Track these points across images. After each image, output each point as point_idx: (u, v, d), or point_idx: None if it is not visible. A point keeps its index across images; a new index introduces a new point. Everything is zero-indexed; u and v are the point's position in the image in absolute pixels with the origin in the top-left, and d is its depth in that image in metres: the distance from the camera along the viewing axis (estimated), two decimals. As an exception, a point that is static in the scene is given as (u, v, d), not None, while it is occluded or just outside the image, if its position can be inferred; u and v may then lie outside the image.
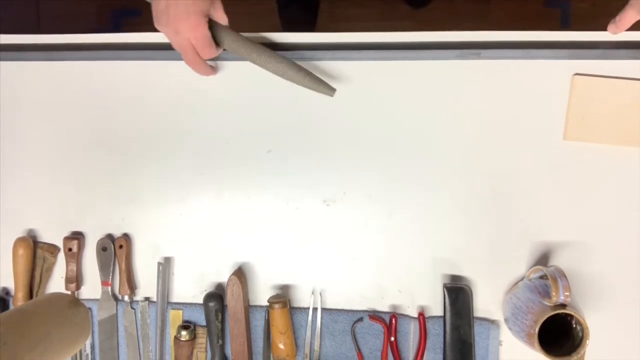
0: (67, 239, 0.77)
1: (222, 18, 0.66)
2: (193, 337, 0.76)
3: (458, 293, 0.72)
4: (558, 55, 0.70)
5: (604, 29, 0.67)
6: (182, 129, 0.76)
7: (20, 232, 0.79)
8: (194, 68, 0.68)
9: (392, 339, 0.74)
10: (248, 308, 0.76)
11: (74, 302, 0.64)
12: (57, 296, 0.65)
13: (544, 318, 0.62)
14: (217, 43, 0.66)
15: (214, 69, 0.72)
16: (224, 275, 0.77)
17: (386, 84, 0.73)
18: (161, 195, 0.77)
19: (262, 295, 0.77)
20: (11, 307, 0.78)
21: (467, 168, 0.73)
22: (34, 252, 0.78)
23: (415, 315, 0.74)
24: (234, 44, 0.66)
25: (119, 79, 0.77)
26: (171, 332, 0.77)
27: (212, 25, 0.65)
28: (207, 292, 0.76)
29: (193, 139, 0.76)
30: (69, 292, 0.77)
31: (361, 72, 0.73)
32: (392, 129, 0.74)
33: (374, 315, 0.75)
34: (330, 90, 0.67)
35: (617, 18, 0.65)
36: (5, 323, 0.54)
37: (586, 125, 0.71)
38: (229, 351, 0.76)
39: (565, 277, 0.63)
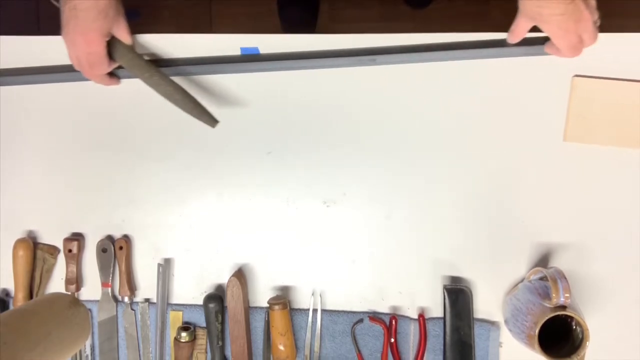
0: (67, 240, 0.77)
1: (124, 37, 0.68)
2: (193, 339, 0.76)
3: (458, 294, 0.72)
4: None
5: (604, 29, 0.67)
6: (182, 130, 0.76)
7: (20, 233, 0.79)
8: (89, 78, 0.71)
9: (392, 340, 0.74)
10: (248, 309, 0.76)
11: (74, 302, 0.64)
12: (57, 296, 0.65)
13: (544, 319, 0.62)
14: (115, 59, 0.69)
15: (114, 80, 0.73)
16: (224, 276, 0.77)
17: (386, 85, 0.73)
18: (161, 197, 0.77)
19: (262, 296, 0.77)
20: (11, 308, 0.78)
21: (467, 169, 0.73)
22: (34, 253, 0.78)
23: (415, 316, 0.74)
24: (129, 62, 0.68)
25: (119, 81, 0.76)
26: (171, 334, 0.77)
27: (112, 42, 0.67)
28: (207, 293, 0.76)
29: (193, 140, 0.76)
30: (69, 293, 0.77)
31: (361, 73, 0.73)
32: (392, 130, 0.74)
33: (374, 316, 0.75)
34: (213, 122, 0.69)
35: (512, 27, 0.66)
36: (5, 323, 0.54)
37: (586, 126, 0.71)
38: (229, 352, 0.76)
39: (565, 278, 0.63)
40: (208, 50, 0.74)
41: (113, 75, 0.72)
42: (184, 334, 0.75)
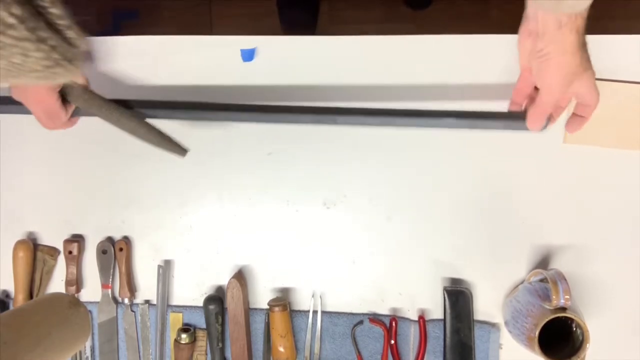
0: (67, 241, 0.77)
1: (77, 79, 0.64)
2: (193, 340, 0.75)
3: (458, 296, 0.72)
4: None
5: (605, 31, 0.67)
6: (183, 131, 0.76)
7: (20, 235, 0.79)
8: (50, 129, 0.68)
9: (392, 342, 0.73)
10: (248, 311, 0.76)
11: (74, 302, 0.64)
12: (57, 296, 0.65)
13: (544, 321, 0.62)
14: (71, 102, 0.66)
15: (75, 120, 0.70)
16: (224, 278, 0.77)
17: (386, 86, 0.73)
18: (161, 198, 0.77)
19: (262, 298, 0.77)
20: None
21: (467, 171, 0.73)
22: (34, 254, 0.78)
23: (416, 318, 0.74)
24: (85, 103, 0.65)
25: (119, 81, 0.76)
26: (171, 335, 0.77)
27: (65, 86, 0.64)
28: (207, 295, 0.76)
29: (193, 141, 0.76)
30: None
31: (360, 73, 0.73)
32: (393, 132, 0.73)
33: (374, 318, 0.74)
34: (182, 152, 0.67)
35: (517, 85, 0.62)
36: (5, 323, 0.54)
37: (586, 128, 0.70)
38: (229, 354, 0.76)
39: (566, 280, 0.63)
40: (207, 52, 0.74)
41: (72, 116, 0.68)
42: (184, 336, 0.75)
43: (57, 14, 0.34)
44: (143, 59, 0.76)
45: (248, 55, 0.74)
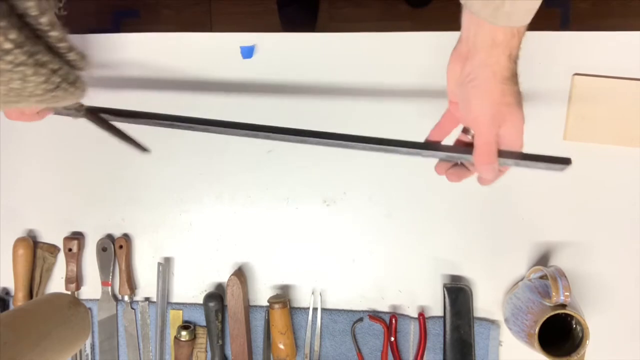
0: (67, 239, 0.77)
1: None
2: (193, 338, 0.76)
3: (458, 293, 0.72)
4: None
5: (605, 29, 0.67)
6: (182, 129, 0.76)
7: (20, 232, 0.79)
8: (22, 121, 0.64)
9: (392, 339, 0.74)
10: (248, 308, 0.76)
11: (74, 301, 0.64)
12: (57, 296, 0.65)
13: (544, 318, 0.62)
14: None
15: (39, 117, 0.64)
16: (224, 275, 0.77)
17: (385, 83, 0.73)
18: (161, 195, 0.77)
19: (262, 295, 0.77)
20: (11, 307, 0.78)
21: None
22: (34, 252, 0.78)
23: (415, 315, 0.74)
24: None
25: (119, 81, 0.76)
26: (171, 333, 0.77)
27: None
28: (207, 292, 0.76)
29: (193, 139, 0.76)
30: (69, 292, 0.77)
31: (359, 70, 0.73)
32: (393, 129, 0.73)
33: (374, 315, 0.75)
34: (143, 150, 0.65)
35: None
36: (5, 322, 0.54)
37: (586, 125, 0.71)
38: (229, 351, 0.76)
39: (565, 277, 0.63)
40: (207, 49, 0.74)
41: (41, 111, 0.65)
42: (184, 333, 0.75)
43: (57, 37, 0.33)
44: (143, 56, 0.76)
45: (247, 52, 0.74)
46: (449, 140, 0.58)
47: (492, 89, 0.48)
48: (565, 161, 0.52)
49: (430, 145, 0.56)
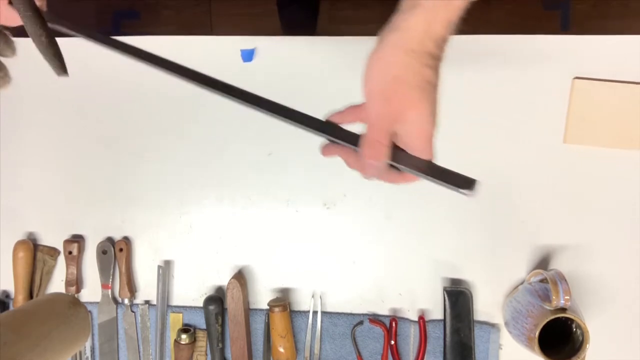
0: (67, 241, 0.77)
1: None
2: (193, 341, 0.75)
3: (458, 296, 0.72)
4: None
5: (605, 31, 0.67)
6: (183, 131, 0.76)
7: (20, 235, 0.79)
8: None
9: (392, 342, 0.73)
10: (248, 311, 0.76)
11: (74, 302, 0.64)
12: (57, 296, 0.65)
13: (544, 322, 0.62)
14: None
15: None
16: (224, 278, 0.77)
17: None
18: (161, 198, 0.77)
19: (262, 298, 0.77)
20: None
21: (467, 171, 0.73)
22: (34, 255, 0.78)
23: (416, 318, 0.74)
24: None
25: (119, 82, 0.76)
26: (171, 335, 0.77)
27: None
28: (207, 295, 0.76)
29: (193, 142, 0.76)
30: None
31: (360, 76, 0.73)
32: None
33: (374, 318, 0.74)
34: (61, 72, 0.57)
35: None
36: (5, 323, 0.54)
37: (586, 128, 0.71)
38: (229, 354, 0.76)
39: (566, 280, 0.63)
40: (207, 52, 0.74)
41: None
42: (184, 336, 0.75)
43: None
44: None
45: (248, 55, 0.74)
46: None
47: (393, 59, 0.38)
48: (469, 184, 0.44)
49: (326, 127, 0.50)
